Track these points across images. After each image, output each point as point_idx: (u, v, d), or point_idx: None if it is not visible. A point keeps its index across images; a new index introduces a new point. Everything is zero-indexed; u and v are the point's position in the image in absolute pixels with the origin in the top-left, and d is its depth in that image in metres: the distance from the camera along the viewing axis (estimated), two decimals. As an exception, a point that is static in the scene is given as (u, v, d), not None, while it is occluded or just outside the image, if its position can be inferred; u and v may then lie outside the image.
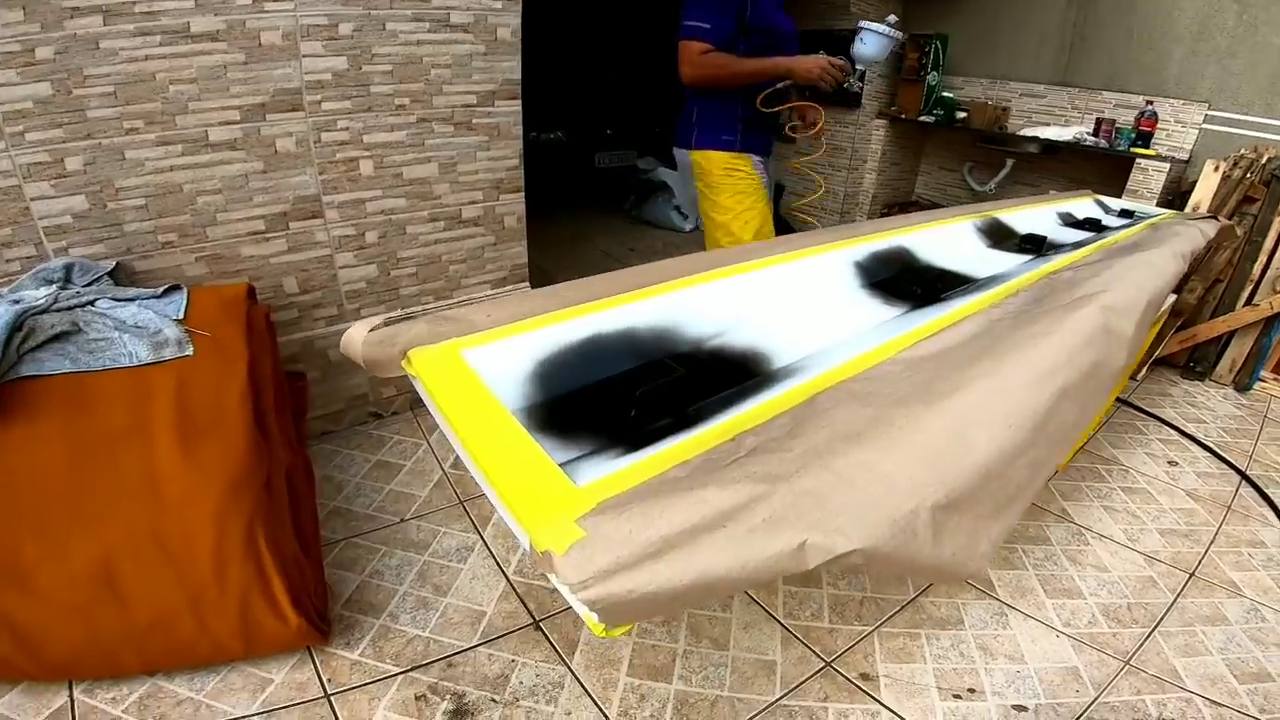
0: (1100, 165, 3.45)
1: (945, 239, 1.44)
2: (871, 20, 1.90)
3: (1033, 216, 1.91)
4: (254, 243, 1.83)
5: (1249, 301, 2.91)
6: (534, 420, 0.85)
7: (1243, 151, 3.15)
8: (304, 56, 1.74)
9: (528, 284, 2.38)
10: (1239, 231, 2.90)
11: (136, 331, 1.30)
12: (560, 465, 0.69)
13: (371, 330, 0.85)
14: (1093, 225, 2.04)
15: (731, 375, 0.93)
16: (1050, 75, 3.67)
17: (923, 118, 3.81)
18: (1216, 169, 3.04)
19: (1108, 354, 0.97)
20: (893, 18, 1.89)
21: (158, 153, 1.64)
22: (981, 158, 3.92)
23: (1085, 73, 3.56)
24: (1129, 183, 3.15)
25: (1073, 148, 3.37)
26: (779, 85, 1.83)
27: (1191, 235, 1.81)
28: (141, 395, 1.20)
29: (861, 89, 1.86)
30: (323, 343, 2.01)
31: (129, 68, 1.54)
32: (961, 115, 3.70)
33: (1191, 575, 1.74)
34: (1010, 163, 3.72)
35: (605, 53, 5.33)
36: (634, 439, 0.82)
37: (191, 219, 1.73)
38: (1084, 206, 2.30)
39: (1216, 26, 3.16)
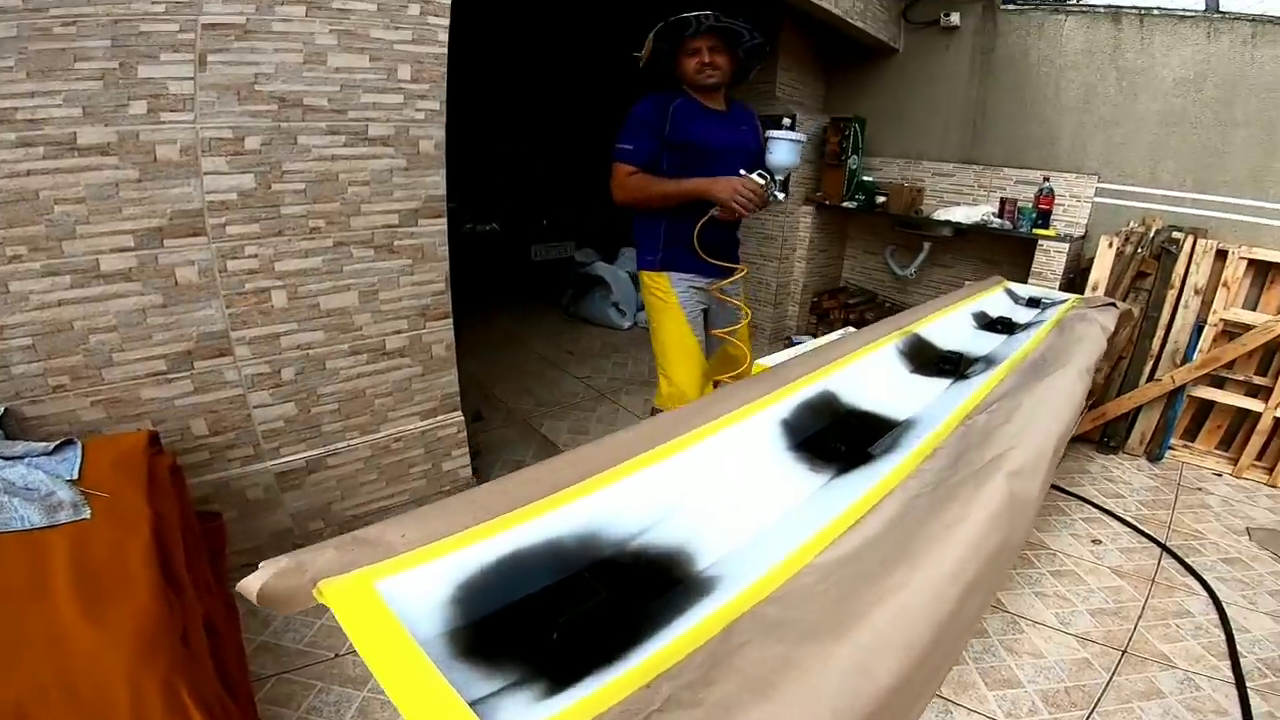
0: (1007, 245, 3.66)
1: (868, 372, 1.47)
2: (775, 128, 1.87)
3: (950, 324, 1.98)
4: (155, 384, 1.71)
5: (1151, 376, 3.11)
6: (456, 646, 0.80)
7: (1132, 225, 3.42)
8: (205, 174, 1.64)
9: (458, 414, 2.29)
10: (1135, 312, 3.12)
11: (26, 494, 1.22)
12: (480, 699, 0.68)
13: (277, 567, 0.77)
14: (1005, 325, 2.14)
15: (654, 581, 0.90)
16: (957, 153, 3.90)
17: (845, 203, 3.97)
18: (1111, 245, 3.27)
19: (1013, 529, 0.99)
20: (787, 121, 1.96)
21: (44, 284, 1.51)
22: (901, 241, 4.08)
23: (987, 150, 3.80)
24: (1034, 264, 3.34)
25: (981, 230, 3.57)
26: (712, 213, 1.80)
27: (1095, 337, 1.91)
28: (37, 558, 1.13)
29: (787, 196, 1.91)
30: (239, 483, 1.89)
31: (9, 184, 1.43)
32: (881, 200, 3.87)
33: (1124, 653, 1.80)
34: (927, 246, 3.91)
35: (542, 140, 5.32)
36: (556, 669, 0.78)
37: (84, 360, 1.60)
38: (996, 300, 2.42)
39: (1100, 96, 3.43)
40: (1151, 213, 3.37)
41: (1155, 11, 3.25)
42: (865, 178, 3.95)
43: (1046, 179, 3.49)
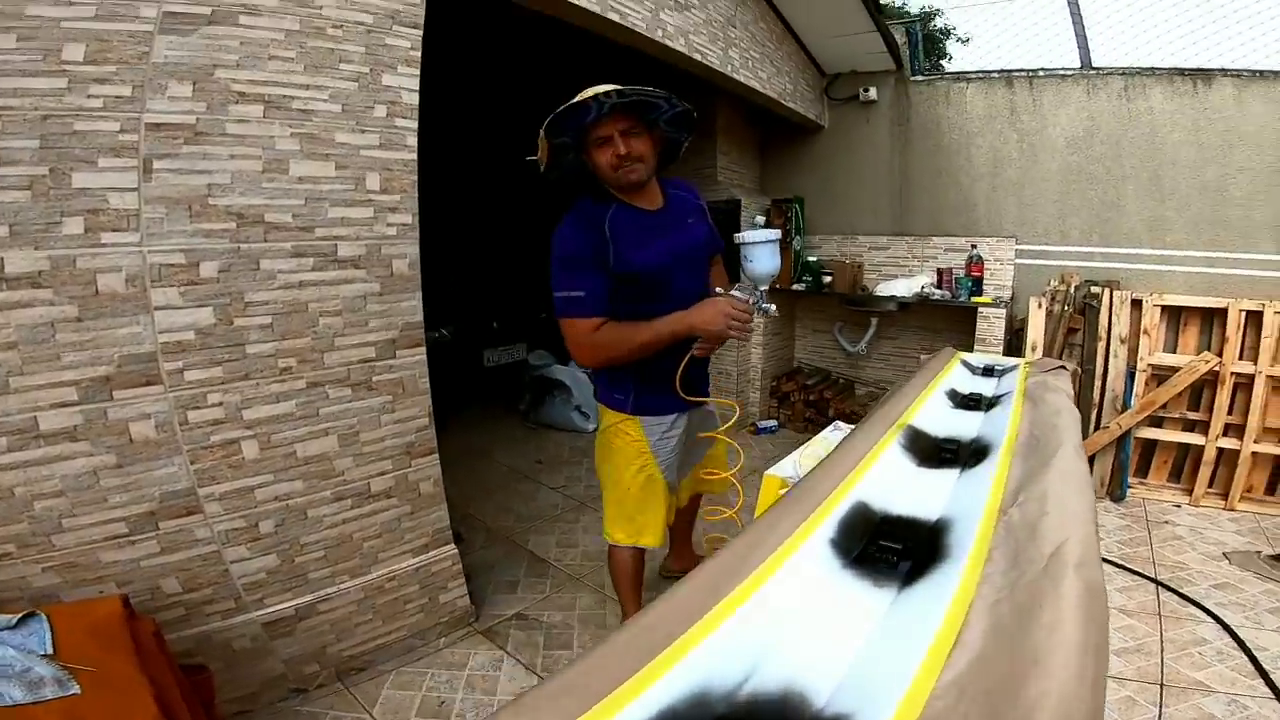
0: (947, 314, 3.88)
1: (885, 475, 1.48)
2: (748, 230, 1.66)
3: (932, 408, 2.03)
4: (116, 547, 1.50)
5: (1098, 424, 3.30)
6: None
7: (1053, 284, 3.72)
8: (157, 309, 1.45)
9: (451, 546, 2.14)
10: (1072, 366, 3.34)
11: (1, 670, 1.09)
12: None
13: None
14: (976, 402, 2.23)
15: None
16: (889, 226, 4.16)
17: (794, 285, 4.12)
18: (1040, 306, 3.53)
19: (1101, 617, 0.98)
20: (760, 219, 1.93)
21: (-29, 448, 1.28)
22: (848, 318, 4.25)
23: (915, 220, 4.07)
24: (977, 331, 3.52)
25: (924, 302, 3.77)
26: (694, 350, 1.59)
27: (1070, 409, 1.99)
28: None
29: (775, 310, 1.67)
30: (223, 635, 1.67)
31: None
32: (827, 279, 4.04)
33: (1162, 686, 1.85)
34: (875, 321, 4.09)
35: (487, 239, 5.27)
36: None
37: (30, 527, 1.39)
38: (958, 375, 2.52)
39: (1006, 159, 3.76)
40: (1068, 269, 3.68)
41: (1041, 73, 3.67)
42: (809, 258, 4.13)
43: (974, 245, 3.76)
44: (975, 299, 3.60)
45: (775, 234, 1.59)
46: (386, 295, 1.85)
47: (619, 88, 1.40)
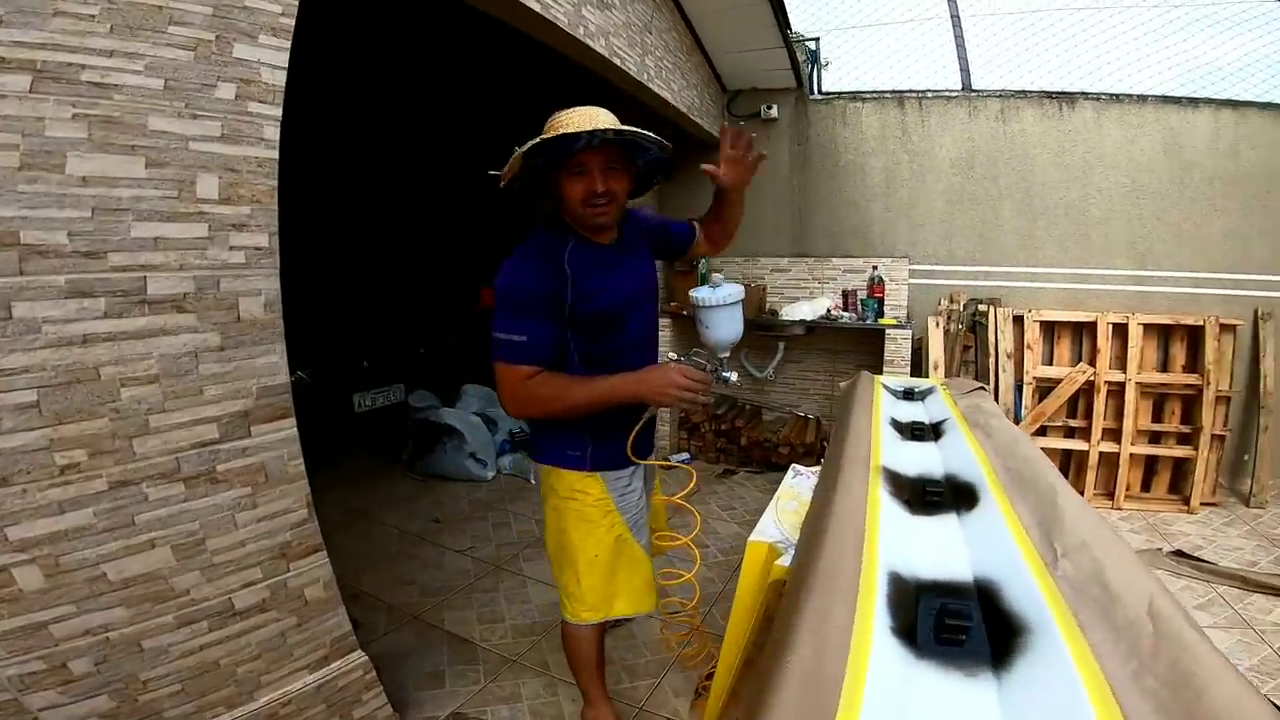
0: (851, 336, 3.87)
1: (898, 535, 1.29)
2: (703, 288, 1.47)
3: (889, 445, 1.90)
4: None
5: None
6: None
7: (944, 303, 3.85)
8: None
9: (359, 654, 1.65)
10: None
11: None
12: None
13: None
14: (922, 430, 2.13)
15: None
16: (789, 247, 4.12)
17: (703, 308, 3.93)
18: (938, 325, 3.62)
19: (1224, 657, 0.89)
20: (718, 276, 1.70)
21: None
22: (754, 342, 4.14)
23: (814, 241, 4.05)
24: (885, 353, 3.51)
25: (831, 325, 3.73)
26: (646, 417, 1.44)
27: (1026, 438, 1.92)
28: None
29: (735, 379, 1.49)
30: None
31: None
32: (734, 301, 3.89)
33: None
34: (782, 346, 4.00)
35: (355, 261, 4.61)
36: None
37: None
38: (888, 402, 2.43)
39: (898, 179, 3.84)
40: (956, 288, 3.82)
41: (929, 94, 3.79)
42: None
43: (875, 267, 3.79)
44: (881, 320, 3.61)
45: (737, 294, 1.47)
46: (231, 350, 1.35)
47: (617, 126, 1.32)
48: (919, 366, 3.55)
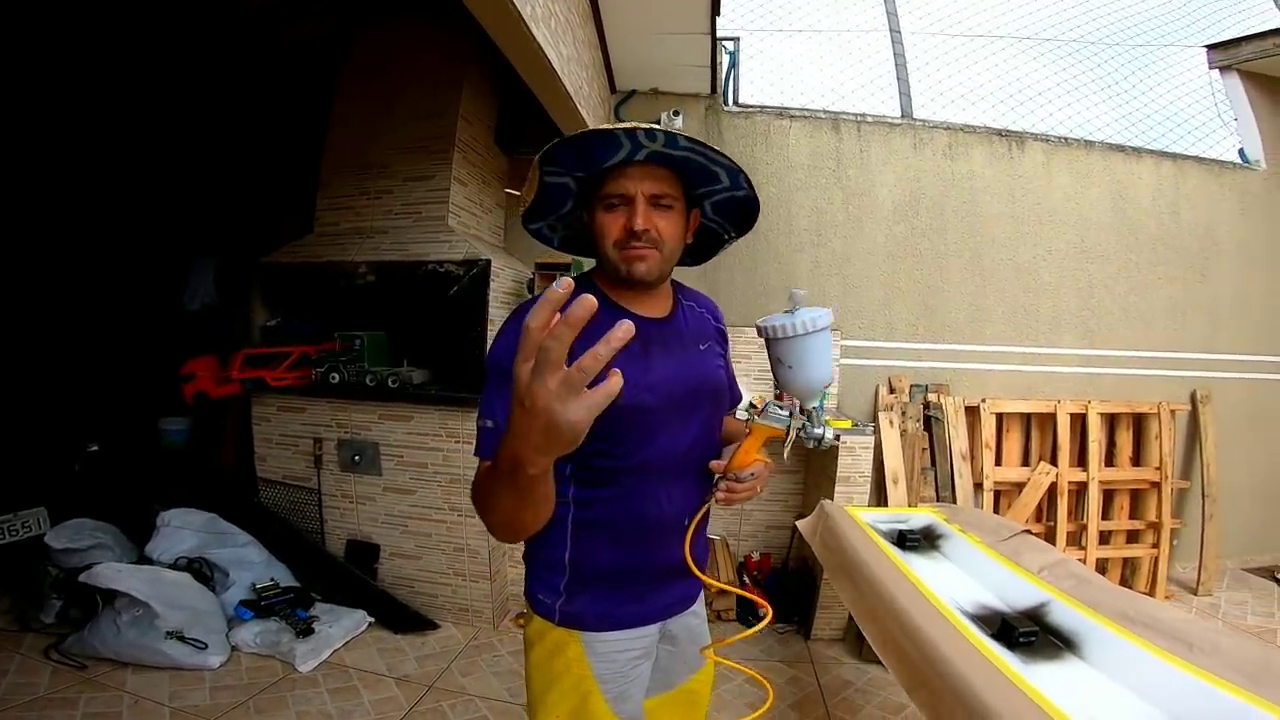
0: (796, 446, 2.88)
1: None
2: (781, 315, 0.89)
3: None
4: None
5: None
6: None
7: (884, 393, 3.02)
8: None
9: None
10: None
11: None
12: None
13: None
14: (1033, 638, 1.29)
15: None
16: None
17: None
18: (893, 425, 2.80)
19: None
20: (801, 292, 0.90)
21: None
22: None
23: (727, 306, 2.99)
24: (840, 467, 2.53)
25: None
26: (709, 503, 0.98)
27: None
28: None
29: (832, 436, 0.89)
30: None
31: None
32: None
33: None
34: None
35: None
36: None
37: None
38: (946, 584, 1.56)
39: (830, 224, 2.96)
40: (896, 370, 3.03)
41: (869, 119, 2.93)
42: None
43: (811, 350, 2.82)
44: (834, 423, 2.63)
45: (827, 317, 0.92)
46: None
47: (669, 130, 0.85)
48: (881, 486, 2.66)
